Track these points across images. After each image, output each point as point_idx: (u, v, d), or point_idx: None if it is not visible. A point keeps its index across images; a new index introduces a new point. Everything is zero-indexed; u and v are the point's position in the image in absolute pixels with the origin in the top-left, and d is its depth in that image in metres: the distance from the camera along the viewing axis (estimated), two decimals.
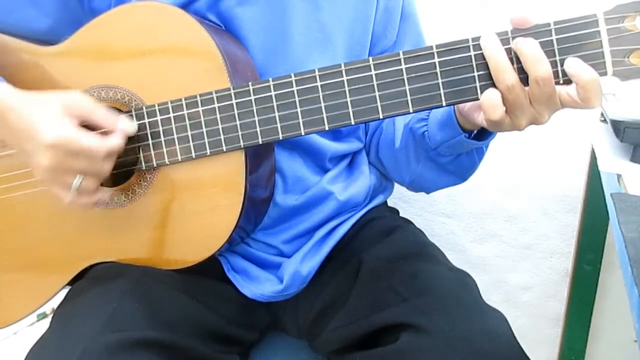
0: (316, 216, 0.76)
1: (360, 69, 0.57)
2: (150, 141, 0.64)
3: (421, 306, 0.62)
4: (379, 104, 0.57)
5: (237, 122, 0.61)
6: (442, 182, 0.77)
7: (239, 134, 0.61)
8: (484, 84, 0.54)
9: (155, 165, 0.65)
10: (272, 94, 0.60)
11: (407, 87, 0.56)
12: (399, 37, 0.79)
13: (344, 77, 0.57)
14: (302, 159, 0.74)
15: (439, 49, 0.55)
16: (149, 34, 0.64)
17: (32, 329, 1.16)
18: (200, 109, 0.62)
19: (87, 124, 0.60)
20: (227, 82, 0.62)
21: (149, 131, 0.64)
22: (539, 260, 1.19)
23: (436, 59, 0.55)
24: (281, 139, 0.60)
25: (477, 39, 0.54)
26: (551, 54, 0.52)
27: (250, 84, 0.60)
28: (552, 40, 0.52)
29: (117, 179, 0.68)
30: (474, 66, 0.54)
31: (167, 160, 0.64)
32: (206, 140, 0.62)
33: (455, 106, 0.63)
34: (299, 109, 0.59)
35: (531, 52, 0.52)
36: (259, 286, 0.73)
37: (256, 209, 0.69)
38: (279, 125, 0.60)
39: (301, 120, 0.59)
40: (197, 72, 0.63)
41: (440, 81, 0.55)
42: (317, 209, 0.76)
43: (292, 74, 0.59)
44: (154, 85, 0.64)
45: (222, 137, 0.62)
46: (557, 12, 0.55)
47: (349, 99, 0.58)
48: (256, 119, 0.60)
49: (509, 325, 0.63)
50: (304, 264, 0.74)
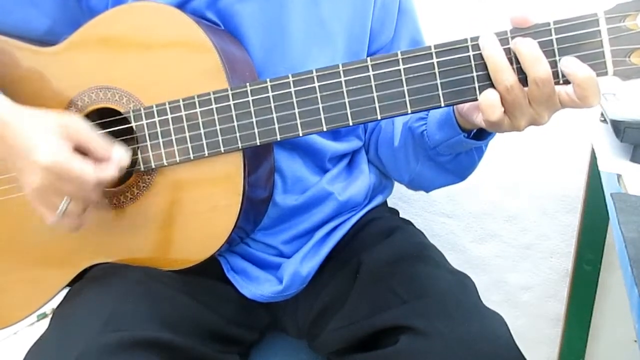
0: (316, 216, 0.76)
1: (358, 69, 0.57)
2: (148, 142, 0.64)
3: (420, 308, 0.62)
4: (377, 105, 0.57)
5: (235, 123, 0.61)
6: (441, 180, 0.77)
7: (237, 135, 0.61)
8: (482, 84, 0.54)
9: (153, 166, 0.65)
10: (270, 94, 0.59)
11: (405, 88, 0.56)
12: (397, 33, 0.79)
13: (342, 78, 0.57)
14: (302, 159, 0.74)
15: (437, 49, 0.55)
16: (147, 35, 0.64)
17: (32, 329, 1.16)
18: (198, 110, 0.62)
19: (82, 150, 0.60)
20: (225, 83, 0.61)
21: (147, 132, 0.64)
22: (539, 260, 1.19)
23: (434, 59, 0.55)
24: (279, 139, 0.60)
25: (476, 38, 0.54)
26: (551, 53, 0.52)
27: (247, 84, 0.60)
28: (551, 39, 0.52)
29: (116, 181, 0.68)
30: (473, 66, 0.54)
31: (165, 161, 0.64)
32: (204, 141, 0.62)
33: (454, 106, 0.63)
34: (296, 110, 0.59)
35: (530, 52, 0.51)
36: (258, 286, 0.73)
37: (255, 209, 0.69)
38: (276, 126, 0.60)
39: (299, 121, 0.59)
40: (195, 73, 0.63)
41: (438, 82, 0.55)
42: (317, 209, 0.76)
43: (289, 75, 0.59)
44: (152, 86, 0.64)
45: (220, 138, 0.62)
46: (557, 12, 0.55)
47: (346, 100, 0.57)
48: (254, 120, 0.60)
49: (508, 327, 0.63)
50: (303, 265, 0.74)
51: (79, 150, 0.60)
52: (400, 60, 0.56)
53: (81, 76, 0.67)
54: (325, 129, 0.59)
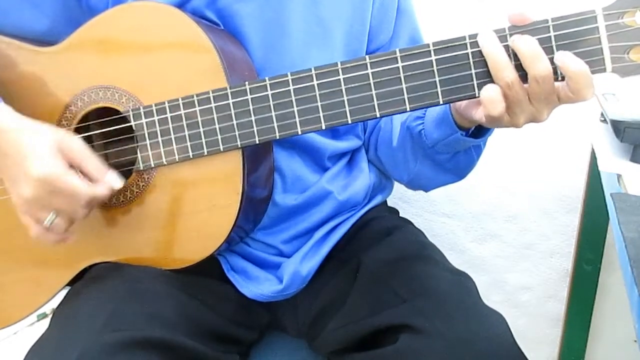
0: (315, 216, 0.76)
1: (356, 67, 0.57)
2: (147, 141, 0.64)
3: (420, 308, 0.62)
4: (375, 103, 0.57)
5: (234, 122, 0.61)
6: (440, 180, 0.77)
7: (236, 133, 0.61)
8: (481, 81, 0.54)
9: (152, 165, 0.65)
10: (269, 93, 0.59)
11: (403, 85, 0.56)
12: (395, 32, 0.79)
13: (341, 76, 0.57)
14: (301, 158, 0.74)
15: (435, 47, 0.55)
16: (146, 34, 0.64)
17: (32, 329, 1.16)
18: (197, 108, 0.62)
19: (76, 168, 0.60)
20: (224, 82, 0.61)
21: (146, 132, 0.64)
22: (539, 260, 1.19)
23: (433, 57, 0.55)
24: (278, 138, 0.60)
25: (474, 36, 0.54)
26: (549, 51, 0.52)
27: (246, 83, 0.60)
28: (549, 37, 0.52)
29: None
30: (471, 64, 0.54)
31: (164, 160, 0.64)
32: (203, 140, 0.62)
33: (451, 104, 0.63)
34: (295, 108, 0.59)
35: (529, 49, 0.51)
36: (258, 286, 0.73)
37: (255, 208, 0.69)
38: (275, 124, 0.60)
39: (298, 119, 0.59)
40: (194, 72, 0.63)
41: (437, 79, 0.55)
42: (317, 208, 0.76)
43: (288, 73, 0.59)
44: (151, 85, 0.64)
45: (219, 136, 0.62)
46: (555, 9, 0.55)
47: (345, 98, 0.57)
48: (253, 118, 0.60)
49: (509, 327, 0.63)
50: (303, 264, 0.74)
51: (73, 167, 0.60)
52: (398, 58, 0.56)
53: (81, 76, 0.67)
54: (324, 127, 0.59)
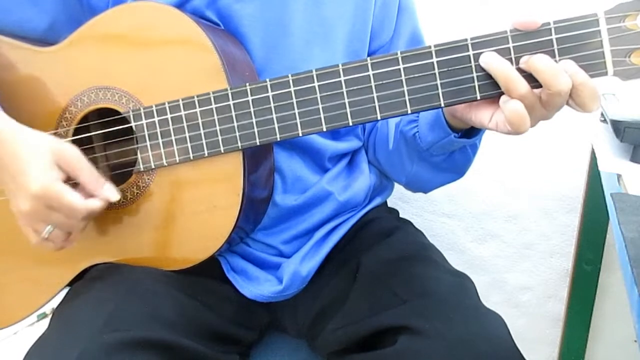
0: (316, 216, 0.76)
1: (357, 68, 0.57)
2: (147, 142, 0.64)
3: (420, 309, 0.62)
4: (376, 105, 0.57)
5: (235, 124, 0.61)
6: (438, 180, 0.77)
7: (237, 135, 0.61)
8: (482, 83, 0.54)
9: (153, 166, 0.65)
10: (270, 94, 0.59)
11: (405, 88, 0.56)
12: (396, 31, 0.79)
13: (342, 78, 0.57)
14: (302, 159, 0.74)
15: (437, 49, 0.55)
16: (146, 35, 0.64)
17: (32, 329, 1.16)
18: (197, 110, 0.62)
19: (73, 179, 0.61)
20: (225, 83, 0.61)
21: (146, 132, 0.64)
22: (539, 260, 1.19)
23: (434, 59, 0.55)
24: (279, 139, 0.60)
25: (476, 38, 0.54)
26: (551, 54, 0.52)
27: (247, 84, 0.60)
28: (551, 39, 0.52)
29: (116, 180, 0.68)
30: (473, 66, 0.54)
31: (165, 161, 0.64)
32: (204, 141, 0.62)
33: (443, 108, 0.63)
34: (296, 110, 0.59)
35: (549, 67, 0.51)
36: (258, 286, 0.73)
37: (255, 209, 0.69)
38: (276, 126, 0.60)
39: (299, 121, 0.59)
40: (194, 73, 0.63)
41: (438, 81, 0.55)
42: (317, 209, 0.76)
43: (289, 75, 0.58)
44: (151, 86, 0.64)
45: (219, 138, 0.62)
46: (557, 12, 0.55)
47: (346, 100, 0.57)
48: (254, 120, 0.60)
49: (508, 328, 0.63)
50: (303, 265, 0.74)
51: (70, 178, 0.60)
52: (400, 59, 0.56)
53: (81, 76, 0.67)
54: (325, 129, 0.59)
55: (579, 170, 1.11)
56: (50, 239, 0.62)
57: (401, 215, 0.89)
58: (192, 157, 0.63)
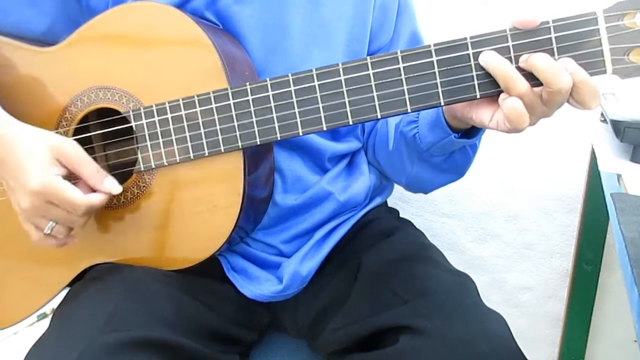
0: (316, 216, 0.76)
1: (357, 68, 0.57)
2: (148, 142, 0.64)
3: (420, 308, 0.62)
4: (376, 104, 0.57)
5: (235, 123, 0.61)
6: (439, 180, 0.77)
7: (237, 134, 0.61)
8: (482, 82, 0.54)
9: (153, 166, 0.65)
10: (270, 94, 0.59)
11: (405, 87, 0.56)
12: (396, 32, 0.79)
13: (342, 77, 0.57)
14: (302, 159, 0.74)
15: (436, 48, 0.55)
16: (146, 35, 0.64)
17: (32, 329, 1.16)
18: (197, 109, 0.62)
19: (74, 174, 0.61)
20: (225, 82, 0.61)
21: (147, 132, 0.64)
22: (539, 260, 1.19)
23: (434, 58, 0.55)
24: (279, 139, 0.60)
25: (476, 37, 0.54)
26: (550, 52, 0.52)
27: (247, 84, 0.60)
28: (550, 38, 0.52)
29: (116, 180, 0.68)
30: (473, 65, 0.54)
31: (165, 161, 0.64)
32: (204, 140, 0.62)
33: (444, 107, 0.63)
34: (296, 109, 0.59)
35: (549, 66, 0.51)
36: (258, 286, 0.73)
37: (255, 208, 0.69)
38: (276, 125, 0.60)
39: (299, 120, 0.59)
40: (194, 73, 0.63)
41: (438, 80, 0.55)
42: (317, 209, 0.76)
43: (289, 74, 0.59)
44: (152, 86, 0.64)
45: (220, 137, 0.62)
46: (556, 10, 0.55)
47: (346, 99, 0.57)
48: (254, 119, 0.60)
49: (508, 327, 0.63)
50: (303, 264, 0.74)
51: (71, 173, 0.60)
52: (399, 58, 0.56)
53: (81, 76, 0.67)
54: (325, 128, 0.59)
55: (579, 170, 1.11)
56: (52, 235, 0.62)
57: (401, 215, 0.89)
58: (192, 157, 0.63)
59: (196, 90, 0.62)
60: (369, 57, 0.56)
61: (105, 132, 0.70)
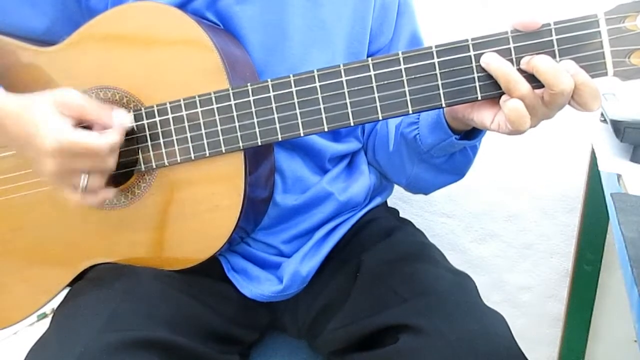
0: (316, 216, 0.76)
1: (359, 69, 0.57)
2: (149, 142, 0.64)
3: (421, 307, 0.62)
4: (378, 105, 0.57)
5: (236, 124, 0.61)
6: (439, 181, 0.77)
7: (238, 135, 0.61)
8: (483, 84, 0.54)
9: (154, 166, 0.65)
10: (271, 94, 0.59)
11: (406, 88, 0.56)
12: (396, 33, 0.79)
13: (343, 78, 0.57)
14: (302, 159, 0.74)
15: (438, 49, 0.55)
16: (147, 35, 0.64)
17: (32, 329, 1.16)
18: (198, 110, 0.62)
19: (83, 121, 0.60)
20: (226, 83, 0.61)
21: (147, 132, 0.64)
22: (539, 260, 1.19)
23: (435, 59, 0.55)
24: (280, 140, 0.60)
25: (477, 39, 0.54)
26: (551, 54, 0.52)
27: (249, 84, 0.60)
28: (552, 40, 0.52)
29: (117, 180, 0.68)
30: (474, 67, 0.54)
31: (166, 161, 0.64)
32: (205, 141, 0.62)
33: (445, 109, 0.63)
34: (297, 110, 0.59)
35: (551, 68, 0.51)
36: (258, 286, 0.73)
37: (256, 209, 0.69)
38: (277, 126, 0.60)
39: (300, 121, 0.59)
40: (195, 73, 0.63)
41: (439, 82, 0.55)
42: (317, 209, 0.76)
43: (290, 75, 0.59)
44: (152, 86, 0.64)
45: (221, 138, 0.62)
46: (558, 12, 0.55)
47: (348, 100, 0.57)
48: (255, 120, 0.60)
49: (508, 326, 0.63)
50: (303, 264, 0.74)
51: (80, 121, 0.60)
52: (401, 60, 0.56)
53: (81, 76, 0.67)
54: (326, 129, 0.59)
55: (579, 170, 1.11)
56: (90, 190, 0.61)
57: (401, 215, 0.89)
58: (193, 157, 0.63)
59: (197, 90, 0.62)
60: (370, 59, 0.56)
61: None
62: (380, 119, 0.57)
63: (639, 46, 0.51)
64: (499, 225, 1.19)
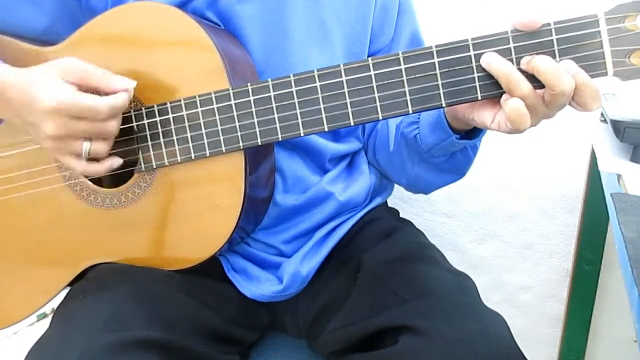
0: (316, 216, 0.76)
1: (359, 69, 0.57)
2: (149, 142, 0.64)
3: (420, 308, 0.62)
4: (378, 105, 0.57)
5: (236, 123, 0.61)
6: (439, 181, 0.77)
7: (238, 134, 0.61)
8: (483, 84, 0.54)
9: (154, 166, 0.65)
10: (271, 94, 0.59)
11: (406, 88, 0.56)
12: (396, 33, 0.79)
13: (343, 78, 0.57)
14: (302, 159, 0.74)
15: (438, 49, 0.55)
16: (147, 35, 0.64)
17: (32, 329, 1.16)
18: (199, 109, 0.62)
19: (86, 87, 0.60)
20: (226, 83, 0.61)
21: (148, 132, 0.64)
22: (539, 260, 1.19)
23: (435, 59, 0.55)
24: (280, 139, 0.60)
25: (477, 38, 0.54)
26: (551, 54, 0.52)
27: (249, 84, 0.60)
28: (552, 40, 0.52)
29: (117, 180, 0.68)
30: (474, 67, 0.54)
31: (166, 161, 0.64)
32: (205, 141, 0.62)
33: (445, 108, 0.63)
34: (298, 110, 0.59)
35: (551, 68, 0.51)
36: (258, 286, 0.73)
37: (256, 209, 0.69)
38: (278, 125, 0.60)
39: (300, 120, 0.59)
40: (195, 73, 0.63)
41: (439, 82, 0.55)
42: (317, 209, 0.76)
43: (291, 75, 0.59)
44: (153, 86, 0.64)
45: (221, 138, 0.62)
46: (558, 12, 0.55)
47: (348, 100, 0.58)
48: (255, 120, 0.60)
49: (508, 327, 0.63)
50: (303, 264, 0.74)
51: (84, 87, 0.59)
52: (401, 59, 0.56)
53: None
54: (326, 129, 0.59)
55: (579, 170, 1.11)
56: (94, 159, 0.60)
57: (401, 215, 0.89)
58: (193, 157, 0.63)
59: (197, 90, 0.62)
60: (370, 58, 0.56)
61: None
62: (380, 118, 0.57)
63: (638, 46, 0.51)
64: (499, 225, 1.19)
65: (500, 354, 0.59)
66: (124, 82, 0.61)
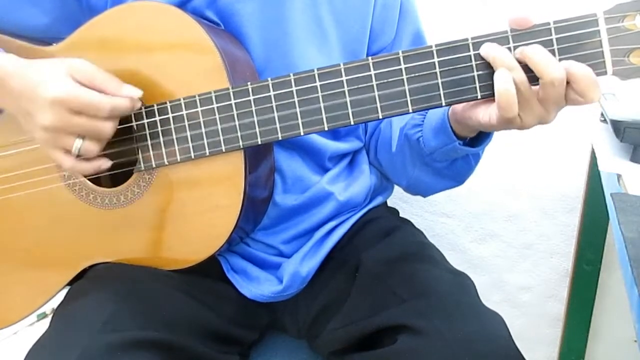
0: (316, 216, 0.76)
1: (359, 68, 0.57)
2: (149, 142, 0.64)
3: (420, 308, 0.62)
4: (378, 104, 0.57)
5: (236, 123, 0.61)
6: (438, 186, 0.77)
7: (238, 134, 0.61)
8: (483, 84, 0.54)
9: (154, 165, 0.65)
10: (271, 94, 0.59)
11: (406, 87, 0.56)
12: (398, 33, 0.79)
13: (343, 77, 0.57)
14: (302, 159, 0.74)
15: (438, 48, 0.55)
16: (147, 34, 0.64)
17: (32, 329, 1.16)
18: (199, 109, 0.62)
19: (92, 89, 0.59)
20: (226, 82, 0.61)
21: (147, 132, 0.64)
22: (539, 260, 1.19)
23: (435, 59, 0.55)
24: (280, 139, 0.60)
25: (477, 38, 0.54)
26: (551, 53, 0.52)
27: (249, 83, 0.60)
28: (551, 39, 0.52)
29: (116, 180, 0.68)
30: (474, 66, 0.54)
31: (166, 160, 0.64)
32: (205, 140, 0.62)
33: (449, 113, 0.63)
34: (298, 109, 0.59)
35: (541, 56, 0.51)
36: (258, 286, 0.73)
37: (256, 208, 0.69)
38: (278, 125, 0.60)
39: (300, 120, 0.59)
40: (195, 72, 0.63)
41: (439, 81, 0.55)
42: (317, 209, 0.76)
43: (291, 74, 0.59)
44: (152, 85, 0.64)
45: (221, 137, 0.62)
46: (557, 12, 0.55)
47: (348, 99, 0.58)
48: (255, 119, 0.60)
49: (507, 327, 0.63)
50: (303, 265, 0.74)
51: (90, 88, 0.59)
52: (401, 59, 0.56)
53: None
54: (326, 128, 0.59)
55: (579, 170, 1.11)
56: (83, 155, 0.60)
57: (401, 215, 0.89)
58: (193, 157, 0.63)
59: (197, 90, 0.62)
60: (370, 58, 0.56)
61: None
62: (380, 118, 0.57)
63: (638, 45, 0.51)
64: (499, 225, 1.19)
65: (498, 353, 0.59)
66: (131, 92, 0.61)
